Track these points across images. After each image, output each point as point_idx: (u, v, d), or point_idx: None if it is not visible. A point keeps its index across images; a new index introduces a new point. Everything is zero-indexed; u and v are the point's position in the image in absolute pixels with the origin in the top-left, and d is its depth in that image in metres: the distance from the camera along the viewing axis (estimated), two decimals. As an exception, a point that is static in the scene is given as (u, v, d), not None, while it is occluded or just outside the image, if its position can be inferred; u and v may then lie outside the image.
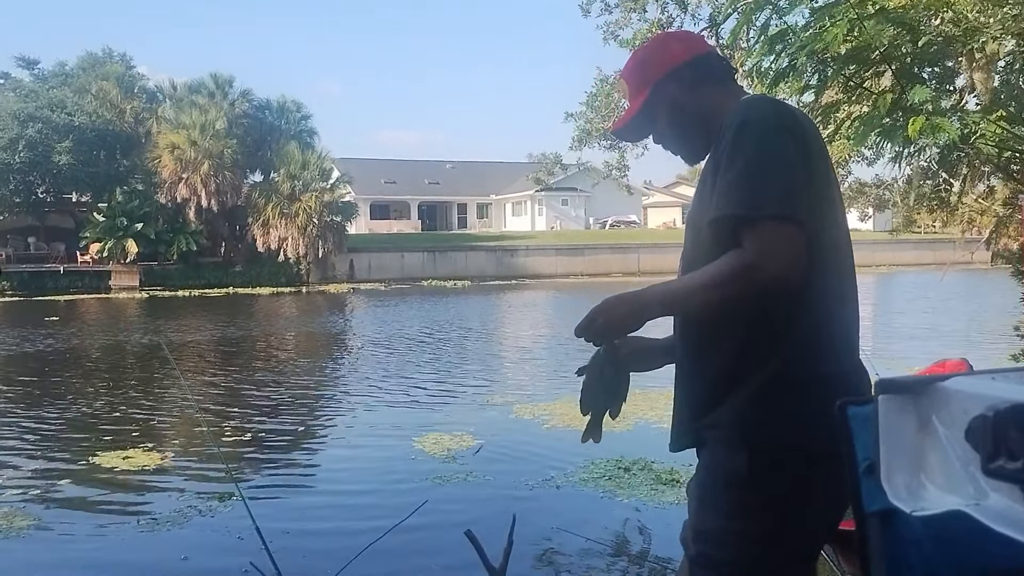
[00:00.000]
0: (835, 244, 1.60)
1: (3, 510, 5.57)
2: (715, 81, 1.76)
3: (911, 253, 42.48)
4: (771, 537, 1.54)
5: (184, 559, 4.72)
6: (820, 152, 1.59)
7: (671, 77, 1.75)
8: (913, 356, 10.74)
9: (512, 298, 28.86)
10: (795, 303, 1.52)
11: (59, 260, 34.91)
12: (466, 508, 5.46)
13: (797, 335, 1.55)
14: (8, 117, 32.76)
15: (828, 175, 1.60)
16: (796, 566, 1.59)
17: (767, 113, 1.55)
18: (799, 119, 1.57)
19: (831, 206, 1.59)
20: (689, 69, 1.75)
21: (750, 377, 1.56)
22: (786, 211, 1.44)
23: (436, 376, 11.59)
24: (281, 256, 35.99)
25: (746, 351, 1.57)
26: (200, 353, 15.00)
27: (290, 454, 7.45)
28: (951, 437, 0.98)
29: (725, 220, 1.50)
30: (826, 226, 1.56)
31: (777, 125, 1.52)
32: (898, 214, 17.07)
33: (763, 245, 1.44)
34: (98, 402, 9.79)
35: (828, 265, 1.58)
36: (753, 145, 1.50)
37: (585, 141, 12.83)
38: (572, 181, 43.18)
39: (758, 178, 1.48)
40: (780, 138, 1.50)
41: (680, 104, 1.76)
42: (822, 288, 1.56)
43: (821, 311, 1.56)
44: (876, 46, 3.94)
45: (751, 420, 1.55)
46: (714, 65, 1.78)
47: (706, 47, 1.83)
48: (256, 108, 38.53)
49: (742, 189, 1.49)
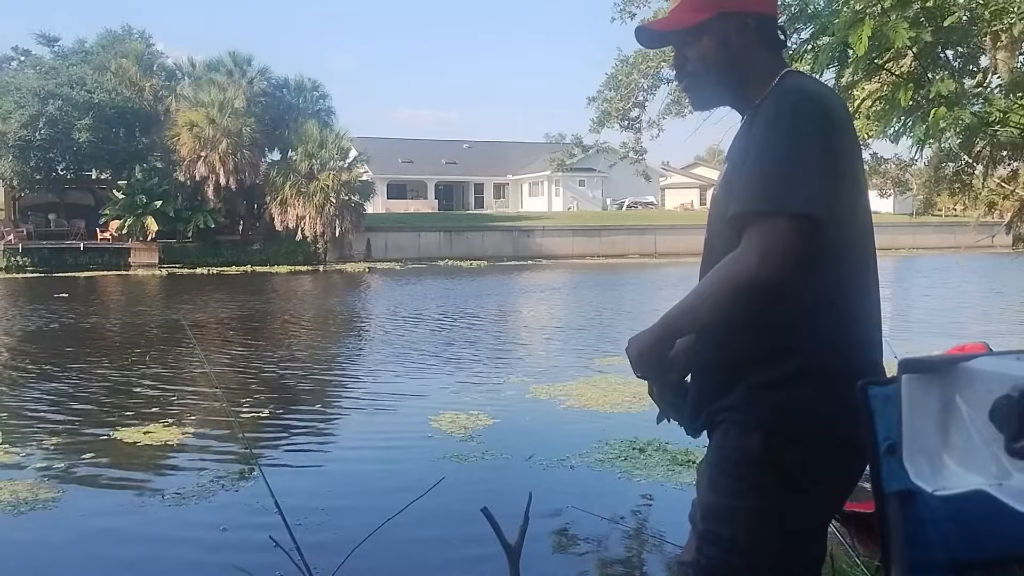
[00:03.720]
0: (856, 240, 1.60)
1: (27, 481, 5.66)
2: (768, 47, 1.70)
3: (932, 236, 42.07)
4: (775, 517, 1.56)
5: (223, 530, 4.81)
6: (849, 146, 1.58)
7: (740, 17, 1.68)
8: (931, 340, 10.68)
9: (528, 278, 28.86)
10: (815, 297, 1.54)
11: (79, 237, 35.13)
12: (482, 486, 5.49)
13: (816, 328, 1.56)
14: (29, 94, 32.90)
15: (854, 170, 1.60)
16: (798, 547, 1.61)
17: (800, 109, 1.54)
18: (831, 112, 1.56)
19: (854, 202, 1.59)
20: (756, 21, 1.68)
21: (766, 365, 1.57)
22: (797, 209, 1.45)
23: (452, 356, 11.63)
24: (298, 235, 36.06)
25: (763, 342, 1.58)
26: (219, 330, 15.11)
27: (307, 430, 7.50)
28: (975, 417, 0.98)
29: (737, 217, 1.53)
30: (848, 222, 1.57)
31: (808, 121, 1.51)
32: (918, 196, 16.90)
33: (759, 245, 1.46)
34: (117, 378, 9.90)
35: (849, 260, 1.59)
36: (780, 141, 1.51)
37: (605, 122, 12.73)
38: (589, 162, 42.95)
39: (773, 178, 1.49)
40: (809, 138, 1.50)
41: (729, 49, 1.68)
42: (842, 282, 1.57)
43: (840, 305, 1.57)
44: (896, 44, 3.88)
45: (764, 404, 1.57)
46: (775, 32, 1.72)
47: (776, 11, 1.77)
48: (274, 86, 38.49)
49: (756, 185, 1.50)
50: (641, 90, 12.29)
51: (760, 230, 1.46)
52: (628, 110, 12.48)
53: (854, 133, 1.66)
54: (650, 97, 12.45)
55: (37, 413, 8.03)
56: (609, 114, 12.44)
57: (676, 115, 12.42)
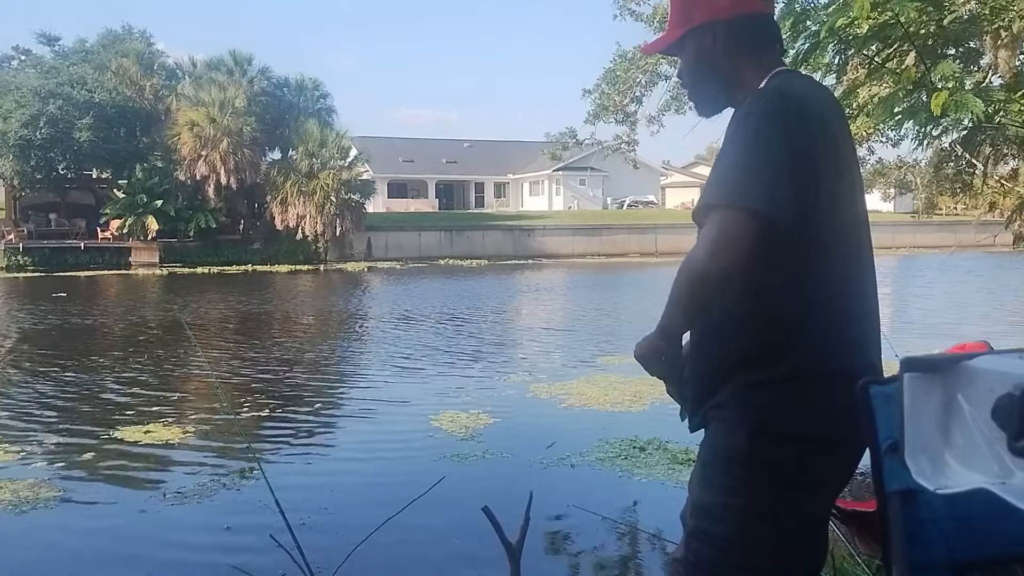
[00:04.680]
0: (847, 239, 1.60)
1: (28, 480, 5.65)
2: (750, 49, 1.70)
3: (933, 235, 42.00)
4: (765, 515, 1.57)
5: (227, 529, 4.81)
6: (830, 146, 1.57)
7: (708, 28, 1.70)
8: (931, 338, 10.67)
9: (529, 278, 28.86)
10: (807, 297, 1.55)
11: (80, 236, 35.15)
12: (483, 485, 5.50)
13: (809, 328, 1.56)
14: (29, 93, 32.90)
15: (838, 169, 1.58)
16: (791, 545, 1.61)
17: (768, 110, 1.54)
18: (806, 113, 1.55)
19: (840, 201, 1.58)
20: (727, 28, 1.69)
21: (757, 364, 1.58)
22: (749, 205, 1.44)
23: (452, 355, 11.63)
24: (299, 234, 36.06)
25: (756, 341, 1.59)
26: (219, 329, 15.12)
27: (308, 430, 7.50)
28: (977, 416, 0.98)
29: (696, 213, 1.57)
30: (833, 221, 1.56)
31: (774, 122, 1.51)
32: (919, 196, 16.89)
33: (708, 236, 1.47)
34: (118, 377, 9.90)
35: (841, 259, 1.59)
36: (744, 141, 1.52)
37: (600, 116, 12.67)
38: (589, 161, 42.99)
39: (729, 175, 1.51)
40: (773, 138, 1.50)
41: (709, 58, 1.72)
42: (835, 282, 1.57)
43: (834, 305, 1.57)
44: (901, 23, 3.87)
45: (755, 402, 1.57)
46: (756, 31, 1.71)
47: (757, 7, 1.74)
48: (275, 85, 38.49)
49: (714, 182, 1.54)
50: (639, 86, 12.26)
51: (711, 221, 1.48)
52: (625, 105, 12.43)
53: (841, 132, 1.65)
54: (647, 93, 12.42)
55: (37, 412, 8.03)
56: (605, 108, 12.40)
57: (676, 112, 12.41)
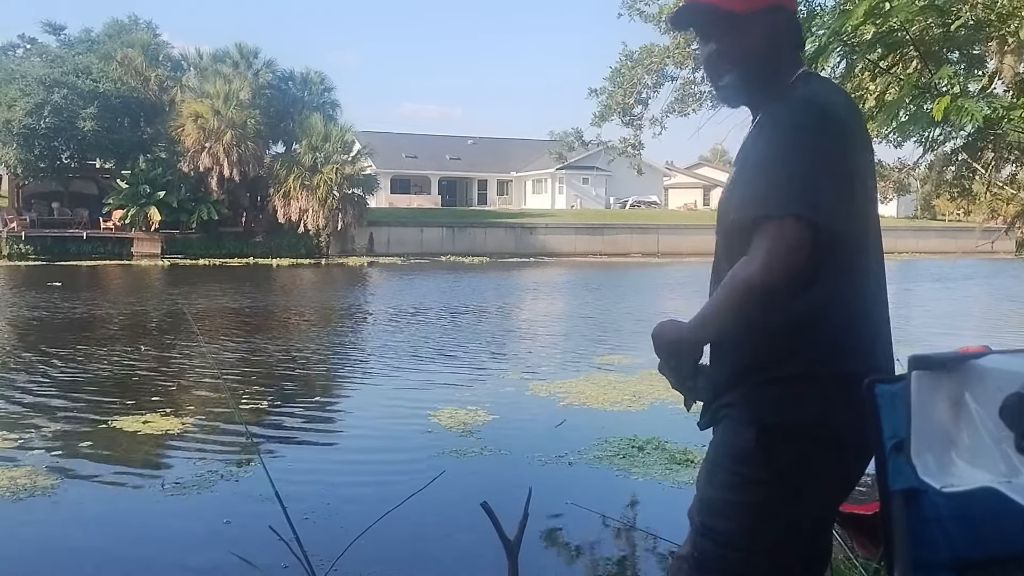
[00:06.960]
0: (863, 246, 1.61)
1: (26, 468, 5.65)
2: (791, 45, 1.70)
3: (934, 241, 42.03)
4: (770, 513, 1.57)
5: (227, 523, 4.80)
6: (856, 153, 1.59)
7: (784, 13, 1.68)
8: (932, 342, 10.66)
9: (530, 275, 28.86)
10: (821, 300, 1.54)
11: (82, 226, 35.20)
12: (481, 481, 5.50)
13: (821, 331, 1.57)
14: (34, 82, 32.94)
15: (862, 176, 1.60)
16: (793, 544, 1.61)
17: (807, 115, 1.54)
18: (838, 120, 1.56)
19: (861, 207, 1.59)
20: (788, 19, 1.69)
21: (769, 365, 1.58)
22: (800, 212, 1.44)
23: (452, 352, 11.63)
24: (301, 228, 36.10)
25: (769, 344, 1.58)
26: (220, 321, 15.12)
27: (307, 423, 7.50)
28: (984, 414, 0.98)
29: (740, 221, 1.55)
30: (855, 226, 1.57)
31: (813, 128, 1.52)
32: (918, 197, 16.89)
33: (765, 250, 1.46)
34: (117, 366, 9.90)
35: (857, 265, 1.59)
36: (784, 147, 1.52)
37: (606, 117, 12.66)
38: (593, 160, 42.94)
39: (776, 183, 1.49)
40: (812, 144, 1.50)
41: (771, 43, 1.65)
42: (849, 287, 1.58)
43: (847, 309, 1.58)
44: (904, 28, 3.87)
45: (764, 401, 1.58)
46: (799, 28, 1.74)
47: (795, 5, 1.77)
48: (279, 79, 38.53)
49: (759, 190, 1.52)
50: (645, 86, 12.24)
51: (765, 234, 1.46)
52: (631, 106, 12.42)
53: (864, 140, 1.66)
54: (653, 95, 12.40)
55: (36, 401, 8.02)
56: (610, 108, 12.38)
57: (679, 114, 12.38)
